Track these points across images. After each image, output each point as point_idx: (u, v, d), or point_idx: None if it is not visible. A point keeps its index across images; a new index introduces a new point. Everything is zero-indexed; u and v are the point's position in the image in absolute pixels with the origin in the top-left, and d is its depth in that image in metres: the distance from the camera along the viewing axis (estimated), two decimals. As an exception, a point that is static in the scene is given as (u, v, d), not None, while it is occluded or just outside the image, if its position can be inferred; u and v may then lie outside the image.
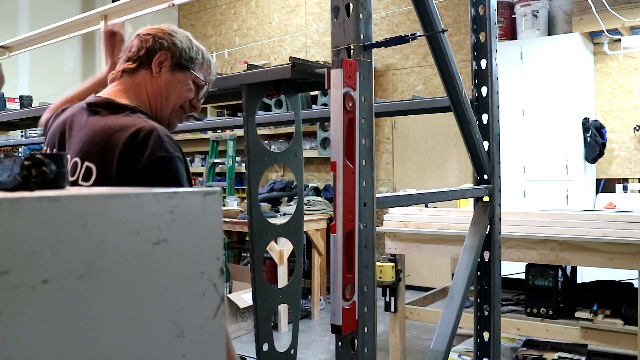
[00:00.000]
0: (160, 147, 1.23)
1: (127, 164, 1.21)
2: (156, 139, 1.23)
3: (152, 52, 1.39)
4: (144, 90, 1.39)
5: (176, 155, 1.25)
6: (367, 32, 1.30)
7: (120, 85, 1.40)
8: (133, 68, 1.39)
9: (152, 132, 1.24)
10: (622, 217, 2.80)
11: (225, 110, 7.27)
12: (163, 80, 1.39)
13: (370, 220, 1.31)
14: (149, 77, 1.39)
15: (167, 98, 1.40)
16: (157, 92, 1.39)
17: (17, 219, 0.46)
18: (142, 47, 1.39)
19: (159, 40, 1.39)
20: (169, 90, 1.40)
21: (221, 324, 0.61)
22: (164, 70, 1.39)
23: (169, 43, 1.40)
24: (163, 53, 1.39)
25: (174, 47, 1.40)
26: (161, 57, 1.39)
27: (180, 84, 1.41)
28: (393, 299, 3.40)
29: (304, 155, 2.06)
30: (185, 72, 1.42)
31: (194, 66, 1.44)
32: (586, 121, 5.03)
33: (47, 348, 0.47)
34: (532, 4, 5.18)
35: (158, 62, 1.39)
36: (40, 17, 6.84)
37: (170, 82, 1.40)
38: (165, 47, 1.39)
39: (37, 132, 6.21)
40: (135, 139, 1.22)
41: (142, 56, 1.39)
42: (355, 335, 1.30)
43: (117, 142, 1.23)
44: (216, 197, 0.61)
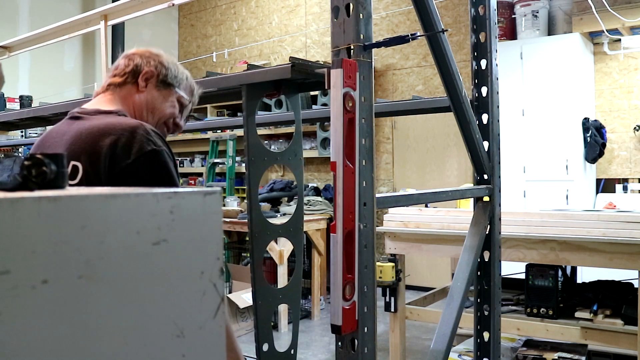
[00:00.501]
0: (148, 141, 1.25)
1: (117, 159, 1.23)
2: (144, 133, 1.25)
3: (139, 69, 1.44)
4: (130, 102, 1.43)
5: (164, 149, 1.27)
6: (367, 32, 1.30)
7: (106, 97, 1.44)
8: (119, 82, 1.44)
9: (139, 127, 1.26)
10: (622, 217, 2.80)
11: (225, 110, 7.27)
12: (148, 95, 1.44)
13: (370, 220, 1.31)
14: (135, 91, 1.44)
15: (151, 112, 1.44)
16: (142, 105, 1.43)
17: (17, 219, 0.46)
18: (128, 65, 1.45)
19: (146, 59, 1.45)
20: (154, 105, 1.44)
21: (221, 324, 0.61)
22: (149, 86, 1.44)
23: (155, 62, 1.46)
24: (149, 70, 1.44)
25: (160, 65, 1.46)
26: (147, 73, 1.44)
27: (165, 100, 1.46)
28: (393, 299, 3.40)
29: (304, 155, 2.06)
30: (170, 89, 1.47)
31: (179, 85, 1.49)
32: (586, 121, 5.03)
33: (47, 348, 0.47)
34: (532, 4, 5.18)
35: (144, 77, 1.44)
36: (40, 17, 6.84)
37: (155, 97, 1.45)
38: (151, 64, 1.45)
39: (37, 132, 6.21)
40: (124, 134, 1.24)
41: (129, 72, 1.44)
42: (355, 335, 1.30)
43: (104, 139, 1.25)
44: (216, 197, 0.61)
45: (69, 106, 2.69)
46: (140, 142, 1.24)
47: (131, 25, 7.16)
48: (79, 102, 2.67)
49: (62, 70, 7.36)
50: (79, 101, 2.71)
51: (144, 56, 1.46)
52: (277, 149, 5.88)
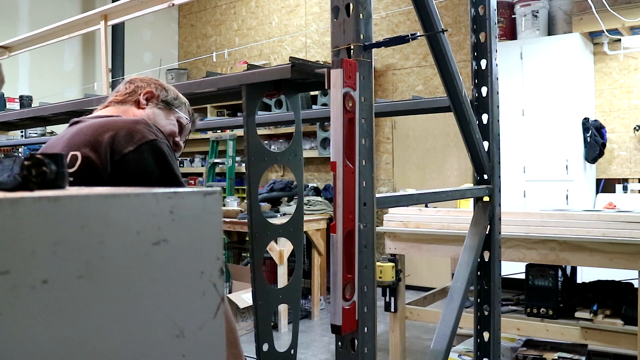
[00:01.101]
0: (149, 132, 1.28)
1: (118, 147, 1.25)
2: (146, 125, 1.30)
3: (139, 89, 1.50)
4: (130, 115, 1.47)
5: (163, 140, 1.30)
6: (367, 32, 1.30)
7: (105, 110, 1.49)
8: (120, 100, 1.49)
9: (140, 121, 1.31)
10: (622, 217, 2.80)
11: (225, 110, 7.27)
12: (150, 111, 1.49)
13: (370, 220, 1.31)
14: (136, 107, 1.49)
15: None
16: None
17: (17, 219, 0.46)
18: (129, 87, 1.51)
19: (146, 82, 1.52)
20: (154, 120, 1.47)
21: (221, 324, 0.61)
22: (150, 104, 1.49)
23: (156, 85, 1.53)
24: (150, 90, 1.50)
25: (161, 87, 1.53)
26: (148, 92, 1.50)
27: (165, 119, 1.51)
28: (393, 299, 3.40)
29: (304, 155, 2.06)
30: (170, 109, 1.52)
31: (178, 107, 1.54)
32: (586, 121, 5.03)
33: (47, 348, 0.47)
34: (532, 4, 5.18)
35: (145, 96, 1.49)
36: (40, 17, 6.84)
37: (156, 114, 1.49)
38: (152, 86, 1.51)
39: (37, 132, 6.21)
40: (124, 127, 1.28)
41: (129, 92, 1.50)
42: (355, 335, 1.30)
43: (105, 132, 1.28)
44: (216, 197, 0.61)
45: (69, 106, 2.69)
46: (142, 132, 1.27)
47: (131, 25, 7.16)
48: (79, 102, 2.67)
49: (62, 70, 7.36)
50: (79, 101, 2.70)
51: (144, 80, 1.52)
52: (277, 149, 5.88)
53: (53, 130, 6.40)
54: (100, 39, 3.72)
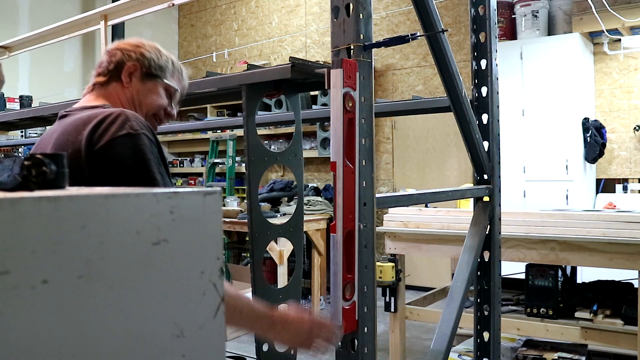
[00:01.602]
0: (125, 125, 1.23)
1: (94, 141, 1.22)
2: (123, 118, 1.24)
3: (121, 64, 1.42)
4: (116, 98, 1.42)
5: (142, 132, 1.24)
6: (367, 32, 1.30)
7: (92, 95, 1.44)
8: (104, 81, 1.43)
9: (120, 114, 1.26)
10: (622, 217, 2.80)
11: (225, 110, 7.27)
12: (134, 89, 1.42)
13: (370, 220, 1.31)
14: (120, 87, 1.42)
15: (139, 106, 1.43)
16: (129, 101, 1.42)
17: (17, 219, 0.46)
18: (111, 62, 1.43)
19: (127, 53, 1.43)
20: (141, 99, 1.43)
21: (221, 324, 0.61)
22: (134, 80, 1.42)
23: (137, 54, 1.43)
24: (132, 64, 1.42)
25: (142, 57, 1.43)
26: (130, 67, 1.42)
27: (152, 93, 1.44)
28: (393, 299, 3.40)
29: (304, 155, 2.06)
30: (156, 80, 1.45)
31: (164, 74, 1.46)
32: (586, 121, 5.03)
33: (47, 348, 0.47)
34: (532, 4, 5.18)
35: (127, 72, 1.42)
36: (40, 17, 6.84)
37: (141, 91, 1.43)
38: (133, 58, 1.43)
39: (37, 132, 6.21)
40: (104, 119, 1.24)
41: (112, 70, 1.42)
42: (355, 335, 1.30)
43: (86, 127, 1.25)
44: (216, 197, 0.61)
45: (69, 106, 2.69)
46: (118, 126, 1.22)
47: (131, 25, 7.16)
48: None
49: (62, 71, 7.36)
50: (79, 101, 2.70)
51: (125, 50, 1.43)
52: (277, 149, 5.89)
53: (53, 130, 6.39)
54: (100, 39, 3.72)
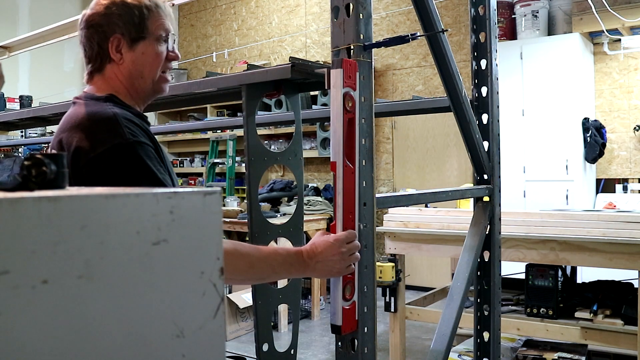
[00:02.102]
0: (116, 134, 1.17)
1: (81, 152, 1.17)
2: (114, 125, 1.18)
3: (104, 43, 1.33)
4: (117, 81, 1.35)
5: (135, 140, 1.18)
6: (367, 32, 1.30)
7: (94, 84, 1.37)
8: (98, 67, 1.36)
9: (109, 119, 1.19)
10: (622, 217, 2.80)
11: (225, 110, 7.27)
12: (128, 62, 1.34)
13: (370, 220, 1.31)
14: (115, 67, 1.34)
15: (141, 76, 1.35)
16: (128, 76, 1.34)
17: (17, 219, 0.46)
18: (92, 44, 1.34)
19: (101, 29, 1.32)
20: (139, 68, 1.34)
21: (221, 324, 0.61)
22: (124, 52, 1.33)
23: (111, 24, 1.32)
24: (113, 38, 1.32)
25: (118, 25, 1.32)
26: (114, 42, 1.32)
27: (147, 55, 1.35)
28: (393, 299, 3.40)
29: (304, 155, 2.06)
30: (143, 41, 1.34)
31: (146, 28, 1.34)
32: (586, 121, 5.03)
33: (47, 348, 0.47)
34: (532, 4, 5.18)
35: (114, 49, 1.33)
36: (40, 17, 6.84)
37: (136, 60, 1.34)
38: (110, 32, 1.32)
39: (37, 132, 6.21)
40: (92, 127, 1.19)
41: (98, 51, 1.34)
42: (355, 335, 1.30)
43: (76, 130, 1.21)
44: (216, 197, 0.61)
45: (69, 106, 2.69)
46: (107, 135, 1.16)
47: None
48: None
49: (62, 71, 7.36)
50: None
51: (98, 26, 1.32)
52: (277, 149, 5.89)
53: (53, 130, 6.40)
54: (100, 39, 3.71)
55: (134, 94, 1.37)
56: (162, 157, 1.26)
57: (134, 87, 1.36)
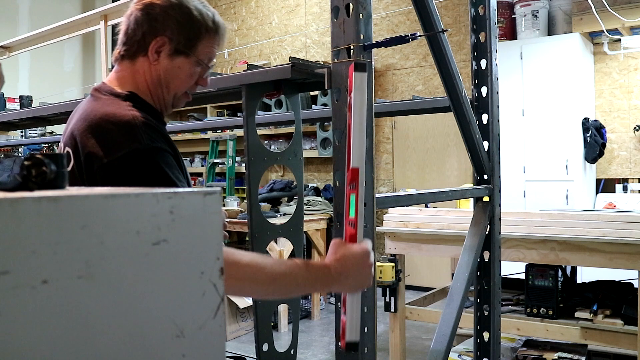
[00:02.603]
0: (134, 139, 1.12)
1: (96, 155, 1.12)
2: (132, 129, 1.13)
3: (149, 37, 1.25)
4: (143, 79, 1.28)
5: (153, 145, 1.13)
6: (367, 32, 1.30)
7: (120, 72, 1.30)
8: (132, 52, 1.27)
9: (127, 122, 1.14)
10: (622, 217, 2.80)
11: (225, 110, 7.27)
12: (161, 67, 1.27)
13: (370, 220, 1.31)
14: (147, 64, 1.27)
15: (167, 87, 1.30)
16: (155, 80, 1.28)
17: (17, 219, 0.46)
18: (138, 30, 1.25)
19: (154, 23, 1.24)
20: (168, 79, 1.28)
21: (221, 324, 0.61)
22: (162, 56, 1.26)
23: (166, 26, 1.24)
24: (160, 39, 1.25)
25: (172, 29, 1.25)
26: (158, 42, 1.25)
27: (181, 71, 1.29)
28: (393, 299, 3.40)
29: (304, 155, 2.06)
30: (185, 57, 1.28)
31: (195, 47, 1.28)
32: (586, 121, 5.03)
33: (47, 348, 0.47)
34: (532, 4, 5.18)
35: (155, 49, 1.25)
36: (40, 17, 6.84)
37: (169, 70, 1.27)
38: (161, 31, 1.24)
39: (37, 132, 6.21)
40: (111, 129, 1.13)
41: (139, 40, 1.25)
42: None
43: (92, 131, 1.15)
44: (216, 197, 0.61)
45: (69, 106, 2.69)
46: (125, 139, 1.11)
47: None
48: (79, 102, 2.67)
49: (62, 70, 7.36)
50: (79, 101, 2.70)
51: (153, 17, 1.24)
52: (277, 149, 5.89)
53: (53, 130, 6.41)
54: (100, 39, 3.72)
55: (155, 98, 1.31)
56: (181, 163, 1.22)
57: (156, 92, 1.30)
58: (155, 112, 1.29)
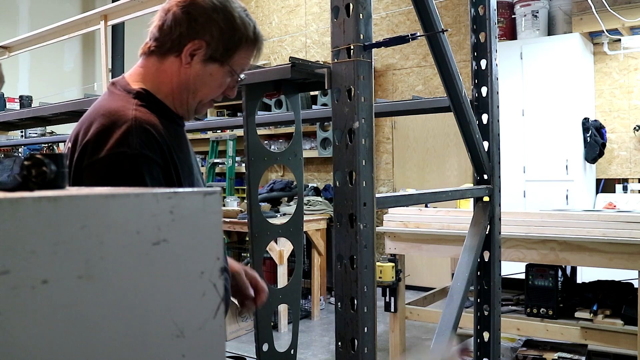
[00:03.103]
0: (124, 142, 1.06)
1: (87, 153, 1.08)
2: (127, 131, 1.07)
3: (185, 38, 1.17)
4: (169, 79, 1.21)
5: (142, 152, 1.07)
6: (367, 32, 1.30)
7: (144, 67, 1.23)
8: (164, 50, 1.20)
9: (125, 123, 1.08)
10: (622, 217, 2.80)
11: (225, 110, 7.27)
12: (193, 72, 1.20)
13: (370, 220, 1.31)
14: (177, 65, 1.20)
15: (193, 92, 1.23)
16: (183, 84, 1.21)
17: (17, 219, 0.46)
18: (175, 28, 1.18)
19: (195, 26, 1.17)
20: (197, 85, 1.21)
21: (221, 324, 0.61)
22: (195, 60, 1.19)
23: (207, 29, 1.17)
24: (198, 42, 1.17)
25: (212, 35, 1.18)
26: (195, 45, 1.18)
27: (212, 79, 1.22)
28: (393, 299, 3.40)
29: (304, 155, 2.06)
30: (220, 64, 1.21)
31: (231, 56, 1.21)
32: (586, 121, 5.03)
33: (47, 348, 0.47)
34: (532, 4, 5.18)
35: (190, 51, 1.18)
36: (40, 17, 6.84)
37: (200, 76, 1.21)
38: (200, 34, 1.17)
39: (37, 132, 6.21)
40: (105, 127, 1.09)
41: (175, 39, 1.18)
42: (355, 335, 1.30)
43: (91, 126, 1.11)
44: (216, 197, 0.61)
45: (69, 106, 2.70)
46: (116, 141, 1.07)
47: (131, 25, 7.16)
48: (79, 102, 2.67)
49: (62, 70, 7.36)
50: (79, 101, 2.70)
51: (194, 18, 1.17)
52: (277, 149, 5.89)
53: (53, 130, 6.41)
54: (100, 39, 3.72)
55: (176, 100, 1.24)
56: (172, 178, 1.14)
57: (180, 97, 1.23)
58: (168, 113, 1.22)
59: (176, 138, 1.20)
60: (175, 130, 1.22)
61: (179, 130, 1.24)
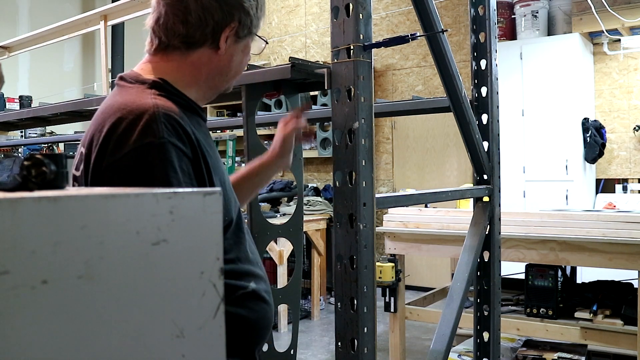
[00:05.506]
0: (148, 132, 0.96)
1: (107, 149, 0.98)
2: (149, 120, 0.97)
3: (220, 26, 1.09)
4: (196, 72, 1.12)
5: (170, 140, 0.97)
6: (367, 32, 1.30)
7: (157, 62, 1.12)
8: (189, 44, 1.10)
9: (145, 112, 0.98)
10: (622, 217, 2.80)
11: (225, 110, 7.27)
12: (227, 56, 1.12)
13: (370, 220, 1.31)
14: (210, 55, 1.11)
15: (226, 74, 1.15)
16: (216, 71, 1.13)
17: (17, 219, 0.46)
18: (207, 19, 1.07)
19: (226, 7, 1.08)
20: (232, 66, 1.15)
21: (221, 324, 0.61)
22: (229, 43, 1.11)
23: (236, 7, 1.09)
24: (234, 25, 1.10)
25: (243, 10, 1.10)
26: (231, 29, 1.09)
27: (244, 53, 1.16)
28: (393, 299, 3.40)
29: (304, 156, 2.06)
30: (250, 36, 1.15)
31: (259, 23, 1.16)
32: (586, 121, 5.03)
33: (47, 348, 0.47)
34: (532, 4, 5.19)
35: (226, 37, 1.10)
36: (40, 17, 6.84)
37: (234, 56, 1.13)
38: (234, 15, 1.09)
39: (37, 132, 6.21)
40: (123, 120, 0.98)
41: (208, 31, 1.08)
42: (356, 335, 1.30)
43: (106, 123, 1.00)
44: (216, 197, 0.61)
45: (69, 106, 2.69)
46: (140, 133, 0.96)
47: (131, 25, 7.16)
48: (79, 102, 2.67)
49: (62, 70, 7.36)
50: (79, 101, 2.70)
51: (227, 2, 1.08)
52: (277, 149, 5.86)
53: (53, 130, 6.40)
54: (100, 39, 3.73)
55: (205, 90, 1.16)
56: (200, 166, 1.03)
57: (211, 83, 1.15)
58: (189, 104, 1.11)
59: (203, 134, 1.10)
60: (200, 124, 1.12)
61: (203, 125, 1.14)
